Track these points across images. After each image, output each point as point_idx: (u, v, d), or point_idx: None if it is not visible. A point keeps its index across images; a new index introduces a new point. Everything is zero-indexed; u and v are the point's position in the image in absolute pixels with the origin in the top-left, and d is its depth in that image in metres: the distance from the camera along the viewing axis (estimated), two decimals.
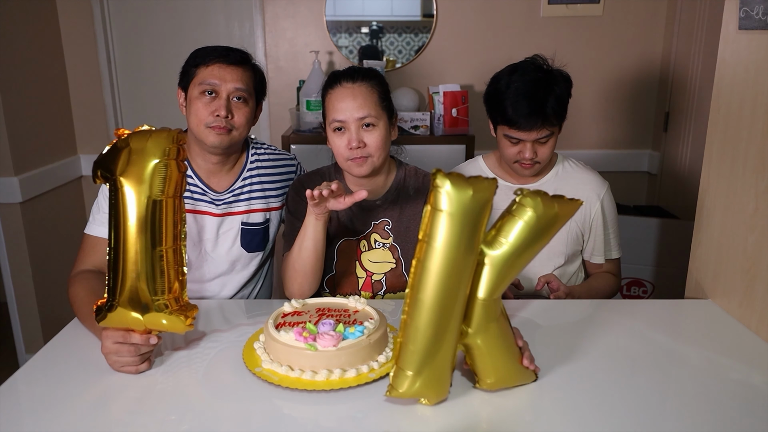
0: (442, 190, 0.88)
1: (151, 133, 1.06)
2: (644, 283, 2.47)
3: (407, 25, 2.82)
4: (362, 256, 1.50)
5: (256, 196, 1.52)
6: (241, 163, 1.53)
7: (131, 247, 1.03)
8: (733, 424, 0.94)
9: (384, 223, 1.50)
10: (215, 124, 1.38)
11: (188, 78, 1.43)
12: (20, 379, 1.08)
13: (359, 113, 1.36)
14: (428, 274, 0.90)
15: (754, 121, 1.27)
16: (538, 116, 1.47)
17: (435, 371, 0.94)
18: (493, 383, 1.01)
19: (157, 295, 1.05)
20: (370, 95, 1.39)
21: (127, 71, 2.85)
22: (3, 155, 2.32)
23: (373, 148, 1.38)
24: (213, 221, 1.48)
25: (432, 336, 0.92)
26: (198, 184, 1.47)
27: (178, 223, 1.08)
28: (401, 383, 0.94)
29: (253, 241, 1.52)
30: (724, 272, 1.38)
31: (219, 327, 1.28)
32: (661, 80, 2.81)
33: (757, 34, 1.26)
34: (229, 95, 1.40)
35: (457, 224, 0.88)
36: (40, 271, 2.53)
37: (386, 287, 1.50)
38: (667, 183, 2.78)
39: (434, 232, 0.89)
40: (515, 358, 1.02)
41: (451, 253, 0.89)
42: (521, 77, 1.50)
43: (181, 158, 1.08)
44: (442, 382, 0.97)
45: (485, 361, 0.99)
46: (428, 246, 0.89)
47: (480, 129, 2.59)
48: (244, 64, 1.44)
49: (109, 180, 1.05)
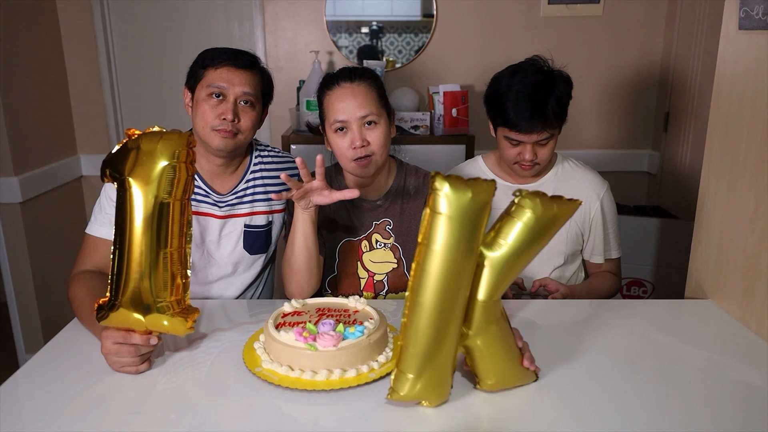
0: (440, 193, 0.88)
1: (162, 135, 1.06)
2: (644, 283, 2.47)
3: (407, 25, 2.82)
4: (363, 256, 1.50)
5: (260, 198, 1.52)
6: (245, 165, 1.52)
7: (136, 248, 1.03)
8: (733, 424, 0.94)
9: (385, 223, 1.50)
10: (221, 128, 1.37)
11: (196, 79, 1.42)
12: (20, 379, 1.08)
13: (361, 112, 1.36)
14: (428, 277, 0.90)
15: (754, 121, 1.27)
16: (538, 119, 1.47)
17: (436, 373, 0.94)
18: (494, 384, 1.01)
19: (160, 296, 1.05)
20: (370, 93, 1.39)
21: (127, 71, 2.85)
22: (3, 155, 2.32)
23: (377, 146, 1.38)
24: (216, 223, 1.48)
25: (432, 338, 0.92)
26: (201, 186, 1.47)
27: (184, 226, 1.08)
28: (402, 386, 0.94)
29: (255, 244, 1.52)
30: (724, 272, 1.38)
31: (219, 327, 1.28)
32: (661, 80, 2.81)
33: (757, 34, 1.26)
34: (237, 99, 1.39)
35: (456, 227, 0.88)
36: (40, 271, 2.53)
37: (388, 287, 1.50)
38: (667, 183, 2.78)
39: (433, 235, 0.89)
40: (515, 359, 1.02)
41: (451, 255, 0.89)
42: (522, 79, 1.49)
43: (191, 161, 1.08)
44: (443, 384, 0.97)
45: (485, 363, 0.99)
46: (427, 249, 0.89)
47: (480, 129, 2.59)
48: (253, 67, 1.43)
49: (118, 180, 1.05)
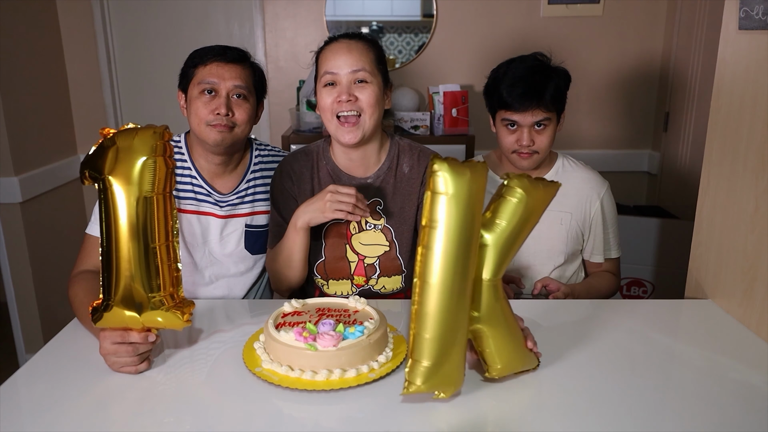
0: (440, 174, 0.91)
1: (137, 131, 1.05)
2: (644, 283, 2.47)
3: (407, 25, 2.82)
4: (352, 239, 1.42)
5: (260, 198, 1.51)
6: (245, 164, 1.52)
7: (124, 246, 1.02)
8: (733, 424, 0.94)
9: (375, 203, 1.41)
10: (216, 122, 1.38)
11: (187, 79, 1.43)
12: (20, 379, 1.08)
13: (353, 66, 1.29)
14: (437, 259, 0.91)
15: (754, 121, 1.27)
16: (533, 97, 1.48)
17: (451, 359, 0.95)
18: (502, 369, 1.02)
19: (153, 292, 1.04)
20: (366, 53, 1.32)
21: (127, 71, 2.85)
22: (3, 155, 2.32)
23: (365, 104, 1.29)
24: (217, 222, 1.48)
25: (445, 321, 0.92)
26: (203, 186, 1.47)
27: (169, 220, 1.07)
28: (419, 376, 0.93)
29: (257, 243, 1.52)
30: (724, 272, 1.38)
31: (219, 327, 1.28)
32: (661, 80, 2.81)
33: (757, 34, 1.26)
34: (229, 93, 1.39)
35: (460, 206, 0.91)
36: (40, 271, 2.53)
37: (380, 271, 1.43)
38: (667, 183, 2.78)
39: (438, 215, 0.91)
40: (520, 341, 1.05)
41: (457, 234, 0.91)
42: (519, 64, 1.53)
43: (169, 154, 1.06)
44: (458, 371, 0.97)
45: (493, 346, 1.00)
46: (433, 230, 0.91)
47: (480, 129, 2.60)
48: (243, 61, 1.43)
49: (98, 180, 1.03)
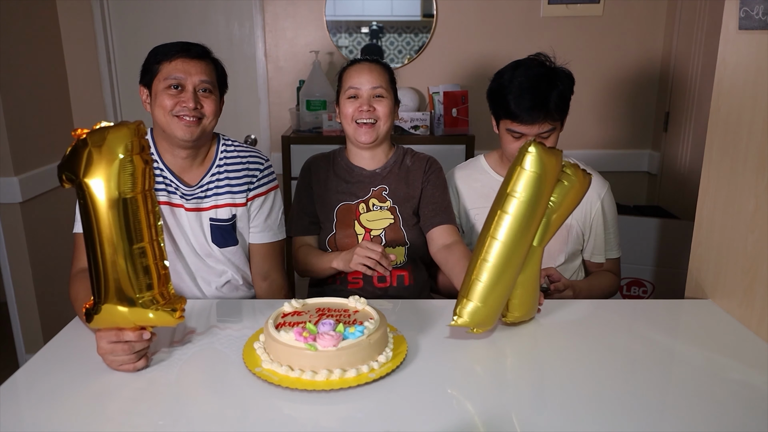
0: (533, 154, 1.10)
1: (110, 129, 1.00)
2: (644, 283, 2.47)
3: (407, 25, 2.82)
4: (361, 216, 1.64)
5: (223, 191, 1.52)
6: (211, 157, 1.53)
7: (108, 248, 1.00)
8: (733, 424, 0.94)
9: (382, 189, 1.65)
10: (183, 114, 1.40)
11: (151, 75, 1.45)
12: (20, 379, 1.08)
13: (373, 83, 1.60)
14: (510, 222, 1.11)
15: (754, 120, 1.27)
16: (540, 110, 1.48)
17: (494, 303, 1.14)
18: (518, 317, 1.24)
19: (142, 292, 1.03)
20: (383, 74, 1.63)
21: (127, 71, 2.84)
22: (3, 155, 2.32)
23: (381, 114, 1.60)
24: (186, 215, 1.49)
25: (501, 273, 1.12)
26: (171, 178, 1.48)
27: (151, 217, 1.05)
28: (468, 312, 1.14)
29: (222, 237, 1.52)
30: (724, 272, 1.38)
31: (219, 327, 1.28)
32: (661, 80, 2.81)
33: (757, 34, 1.26)
34: (195, 88, 1.42)
35: (539, 182, 1.10)
36: (40, 271, 2.53)
37: (385, 241, 1.62)
38: (667, 183, 2.78)
39: (519, 187, 1.10)
40: (537, 300, 1.26)
41: (531, 205, 1.11)
42: (524, 72, 1.52)
43: (145, 151, 1.03)
44: (496, 315, 1.17)
45: (519, 298, 1.20)
46: (513, 198, 1.11)
47: (480, 129, 2.60)
48: (206, 57, 1.47)
49: (75, 182, 1.00)
